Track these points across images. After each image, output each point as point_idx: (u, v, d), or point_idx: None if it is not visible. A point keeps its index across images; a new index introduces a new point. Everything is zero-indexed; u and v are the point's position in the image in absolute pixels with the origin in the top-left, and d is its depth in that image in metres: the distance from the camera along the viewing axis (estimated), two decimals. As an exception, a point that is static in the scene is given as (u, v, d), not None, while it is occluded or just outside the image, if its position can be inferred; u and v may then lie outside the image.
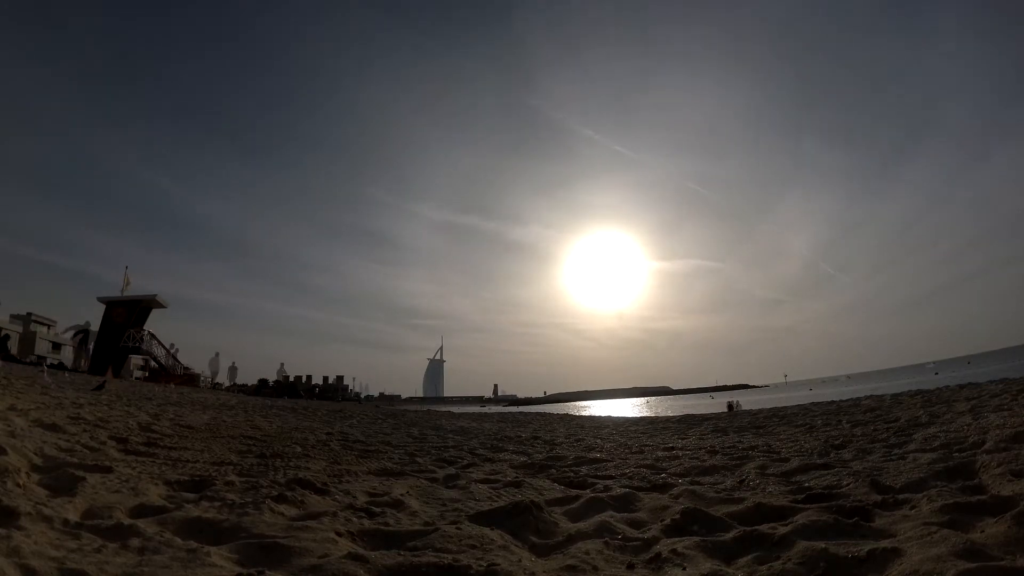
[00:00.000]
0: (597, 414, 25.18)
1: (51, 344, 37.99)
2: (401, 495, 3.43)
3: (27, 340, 34.98)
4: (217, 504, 2.87)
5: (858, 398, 13.38)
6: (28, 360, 29.10)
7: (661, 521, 2.85)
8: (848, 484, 3.35)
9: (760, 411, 13.70)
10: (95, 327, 23.36)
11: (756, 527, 2.55)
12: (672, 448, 6.55)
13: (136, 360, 34.03)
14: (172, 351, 31.86)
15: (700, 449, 6.21)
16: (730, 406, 22.53)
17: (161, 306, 32.46)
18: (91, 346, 21.68)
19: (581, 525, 2.87)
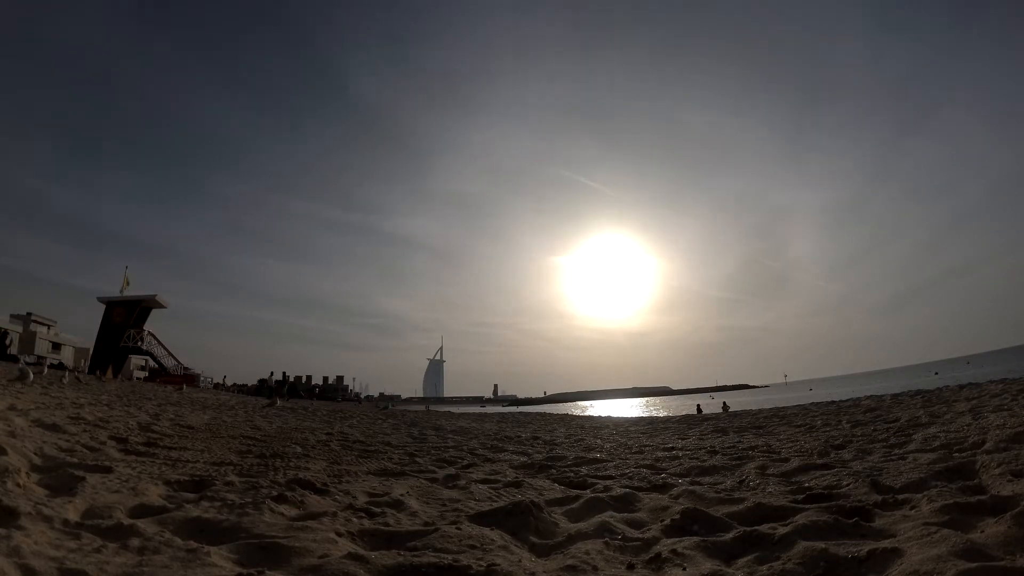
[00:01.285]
0: (597, 414, 25.18)
1: (51, 344, 38.03)
2: (401, 495, 3.43)
3: (27, 340, 35.02)
4: (217, 504, 2.87)
5: (858, 398, 13.39)
6: (27, 360, 29.11)
7: (661, 521, 2.85)
8: (848, 484, 3.35)
9: (760, 411, 13.70)
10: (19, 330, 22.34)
11: (756, 527, 2.55)
12: (672, 448, 6.55)
13: (136, 360, 34.03)
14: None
15: (700, 449, 6.21)
16: (699, 408, 22.74)
17: (161, 306, 32.47)
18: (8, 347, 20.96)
19: (581, 525, 2.87)
